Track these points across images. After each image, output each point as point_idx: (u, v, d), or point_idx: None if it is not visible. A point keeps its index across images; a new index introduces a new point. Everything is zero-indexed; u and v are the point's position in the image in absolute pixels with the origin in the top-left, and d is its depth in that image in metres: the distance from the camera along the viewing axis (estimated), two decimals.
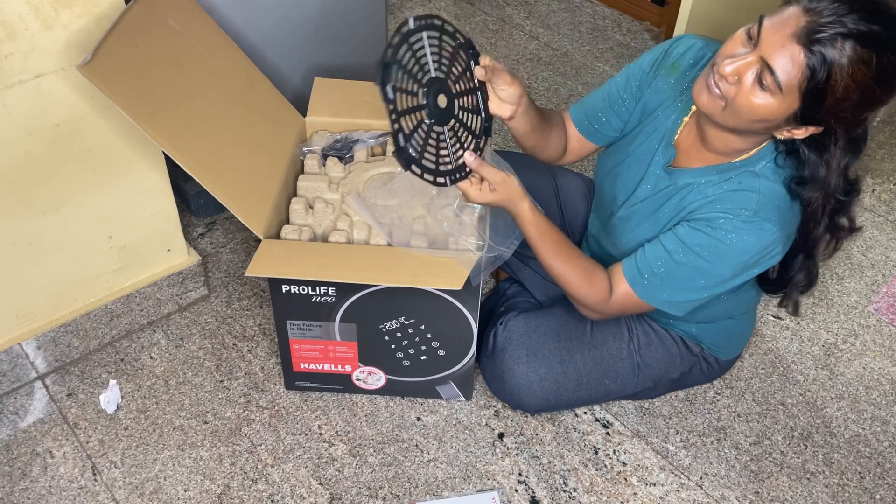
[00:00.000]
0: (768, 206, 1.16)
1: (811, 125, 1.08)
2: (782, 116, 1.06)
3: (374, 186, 1.48)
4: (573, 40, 2.72)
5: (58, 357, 1.63)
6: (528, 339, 1.46)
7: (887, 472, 1.51)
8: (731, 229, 1.17)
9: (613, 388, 1.50)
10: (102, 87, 1.23)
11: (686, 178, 1.25)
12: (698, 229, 1.20)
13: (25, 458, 1.46)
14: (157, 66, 1.37)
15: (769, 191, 1.16)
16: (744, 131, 1.13)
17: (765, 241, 1.17)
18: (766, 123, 1.08)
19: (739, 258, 1.19)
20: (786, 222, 1.18)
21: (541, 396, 1.47)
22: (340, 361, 1.50)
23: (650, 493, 1.45)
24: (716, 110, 1.10)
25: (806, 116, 1.05)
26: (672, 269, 1.23)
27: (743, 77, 1.04)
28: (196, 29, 1.50)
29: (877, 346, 1.75)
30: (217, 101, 1.46)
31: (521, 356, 1.45)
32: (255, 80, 1.58)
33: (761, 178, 1.17)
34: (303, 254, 1.35)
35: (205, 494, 1.41)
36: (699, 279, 1.23)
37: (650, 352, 1.47)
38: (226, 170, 1.37)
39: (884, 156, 2.29)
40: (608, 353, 1.46)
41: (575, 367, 1.46)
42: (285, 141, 1.55)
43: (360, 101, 1.65)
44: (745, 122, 1.09)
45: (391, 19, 2.73)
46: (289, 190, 1.51)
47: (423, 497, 1.43)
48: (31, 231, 1.53)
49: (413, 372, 1.51)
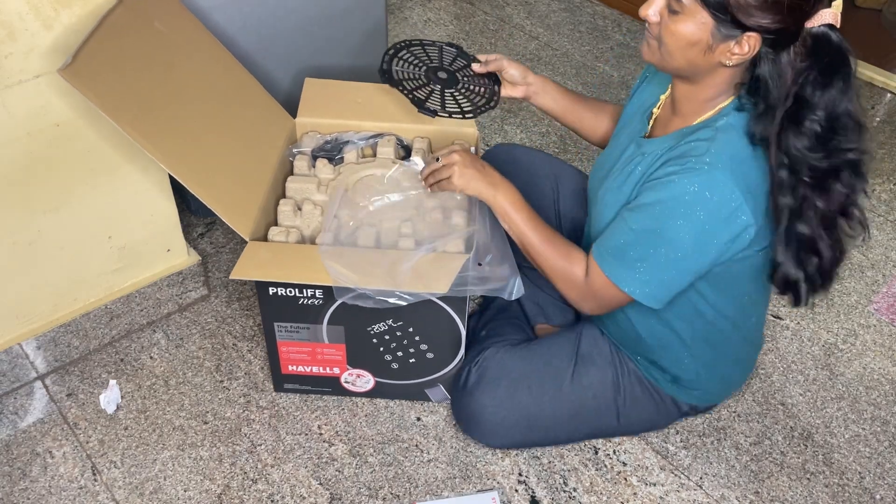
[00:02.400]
0: (719, 153, 1.10)
1: (737, 34, 1.07)
2: (706, 34, 1.08)
3: (363, 188, 1.48)
4: (573, 40, 2.72)
5: (58, 357, 1.63)
6: (498, 387, 1.40)
7: (887, 472, 1.51)
8: (678, 178, 1.12)
9: (588, 433, 1.48)
10: (84, 90, 1.22)
11: (653, 146, 1.23)
12: (649, 189, 1.16)
13: (25, 458, 1.46)
14: (142, 68, 1.37)
15: (723, 139, 1.12)
16: (689, 69, 1.14)
17: (717, 195, 1.09)
18: (698, 46, 1.10)
19: (692, 214, 1.11)
20: (742, 176, 1.10)
21: (508, 439, 1.45)
22: (329, 364, 1.50)
23: (650, 493, 1.45)
24: (655, 56, 1.17)
25: (723, 25, 1.06)
26: (631, 239, 1.17)
27: (661, 14, 1.12)
28: (182, 31, 1.50)
29: (877, 346, 1.75)
30: (204, 102, 1.46)
31: (487, 404, 1.40)
32: (244, 82, 1.58)
33: (718, 131, 1.13)
34: (289, 256, 1.35)
35: (205, 494, 1.41)
36: (658, 245, 1.15)
37: (635, 409, 1.43)
38: (212, 171, 1.37)
39: (884, 156, 2.29)
40: (585, 408, 1.42)
41: (545, 417, 1.42)
42: (275, 142, 1.55)
43: (351, 102, 1.65)
44: (679, 54, 1.12)
45: (391, 19, 2.74)
46: (277, 191, 1.51)
47: (423, 497, 1.43)
48: (31, 231, 1.53)
49: (401, 375, 1.51)
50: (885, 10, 2.94)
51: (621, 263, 1.20)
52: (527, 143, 2.23)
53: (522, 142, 2.23)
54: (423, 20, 2.79)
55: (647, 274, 1.18)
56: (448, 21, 2.79)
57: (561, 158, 2.18)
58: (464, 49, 1.52)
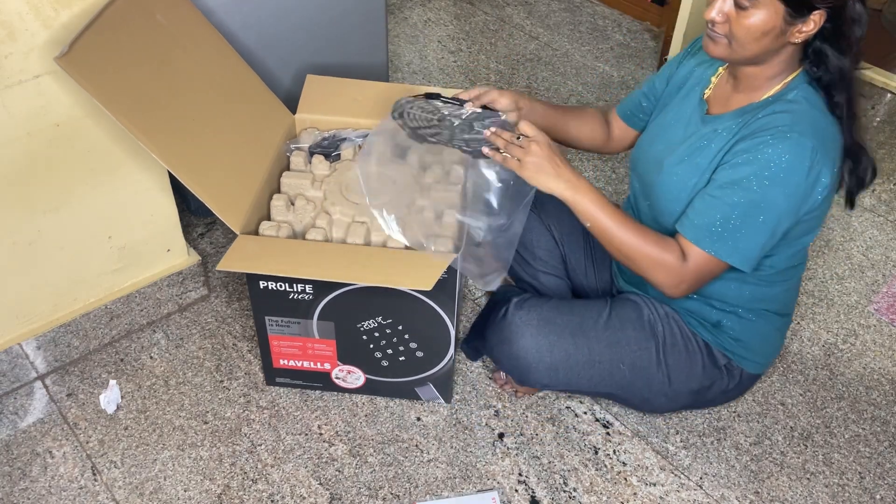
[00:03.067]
0: (802, 122, 1.19)
1: (809, 15, 1.15)
2: (778, 21, 1.16)
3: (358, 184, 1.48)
4: (573, 40, 2.72)
5: (58, 357, 1.63)
6: (541, 308, 1.41)
7: (887, 472, 1.51)
8: (770, 150, 1.19)
9: (630, 379, 1.43)
10: (79, 78, 1.22)
11: (721, 123, 1.29)
12: (741, 163, 1.22)
13: (25, 458, 1.46)
14: (140, 59, 1.37)
15: (804, 111, 1.21)
16: (762, 55, 1.21)
17: (807, 161, 1.18)
18: (771, 34, 1.17)
19: (788, 179, 1.19)
20: (822, 140, 1.19)
21: (549, 364, 1.39)
22: (319, 359, 1.50)
23: (650, 493, 1.45)
24: (726, 51, 1.22)
25: (796, 6, 1.14)
26: (728, 213, 1.22)
27: (726, 12, 1.18)
28: (184, 24, 1.50)
29: (877, 346, 1.75)
30: (203, 96, 1.46)
31: (531, 321, 1.39)
32: (245, 77, 1.58)
33: (794, 103, 1.22)
34: (277, 250, 1.35)
35: (205, 494, 1.41)
36: (757, 214, 1.21)
37: (674, 351, 1.42)
38: (207, 164, 1.37)
39: (884, 156, 2.29)
40: (626, 339, 1.41)
41: (587, 341, 1.40)
42: (272, 137, 1.55)
43: (351, 100, 1.65)
44: (754, 44, 1.19)
45: (391, 19, 2.74)
46: (272, 186, 1.51)
47: (423, 497, 1.43)
48: (31, 231, 1.53)
49: (392, 372, 1.51)
50: (885, 10, 2.94)
51: (720, 238, 1.24)
52: None
53: None
54: (423, 20, 2.79)
55: (747, 241, 1.24)
56: (448, 21, 2.79)
57: None
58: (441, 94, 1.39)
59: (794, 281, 1.44)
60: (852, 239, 2.01)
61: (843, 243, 2.00)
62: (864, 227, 2.05)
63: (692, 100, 1.38)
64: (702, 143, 1.30)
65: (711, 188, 1.25)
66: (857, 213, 2.09)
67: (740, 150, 1.22)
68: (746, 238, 1.23)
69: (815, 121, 1.21)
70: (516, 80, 2.51)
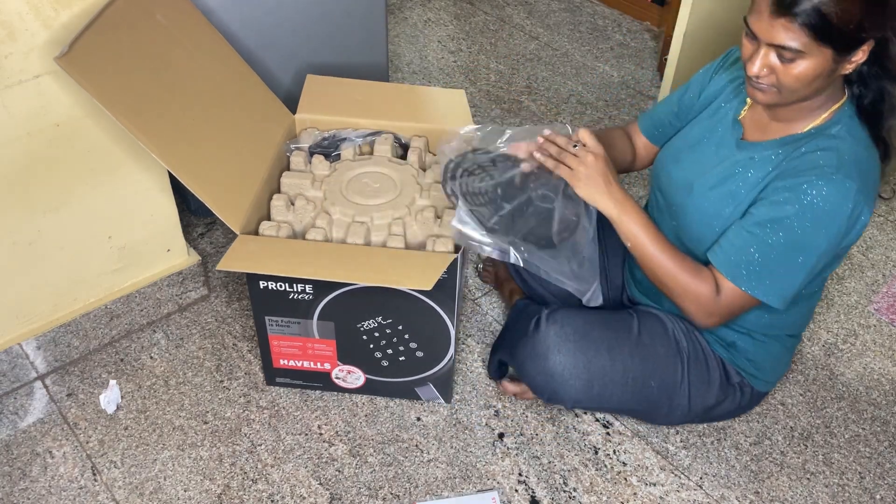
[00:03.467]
0: (847, 163, 1.16)
1: (859, 47, 1.11)
2: (827, 64, 1.11)
3: (357, 185, 1.48)
4: (573, 40, 2.72)
5: (58, 357, 1.63)
6: (575, 322, 1.38)
7: (887, 472, 1.51)
8: (815, 191, 1.16)
9: (657, 395, 1.42)
10: (80, 78, 1.22)
11: (760, 151, 1.25)
12: (782, 202, 1.18)
13: (25, 458, 1.46)
14: (140, 59, 1.37)
15: (849, 149, 1.17)
16: (814, 94, 1.17)
17: (850, 204, 1.15)
18: (822, 76, 1.13)
19: (831, 221, 1.16)
20: (865, 181, 1.16)
21: (585, 380, 1.37)
22: (319, 359, 1.50)
23: (650, 493, 1.45)
24: (776, 98, 1.18)
25: (843, 47, 1.10)
26: (766, 251, 1.20)
27: (771, 65, 1.13)
28: (184, 24, 1.50)
29: (877, 346, 1.75)
30: (203, 96, 1.46)
31: (567, 335, 1.36)
32: (245, 76, 1.58)
33: (838, 139, 1.18)
34: (277, 250, 1.35)
35: (205, 494, 1.41)
36: (796, 255, 1.19)
37: (697, 369, 1.41)
38: (207, 164, 1.37)
39: None
40: (656, 356, 1.40)
41: (622, 359, 1.38)
42: (272, 137, 1.55)
43: (351, 100, 1.65)
44: (805, 90, 1.15)
45: (391, 19, 2.74)
46: (272, 186, 1.51)
47: (423, 497, 1.43)
48: (31, 231, 1.53)
49: (392, 372, 1.51)
50: None
51: (758, 276, 1.22)
52: None
53: None
54: (423, 20, 2.79)
55: (784, 281, 1.22)
56: (448, 21, 2.80)
57: None
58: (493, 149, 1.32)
59: (811, 305, 1.43)
60: None
61: None
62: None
63: (725, 119, 1.33)
64: (737, 169, 1.27)
65: (749, 224, 1.22)
66: None
67: (782, 188, 1.19)
68: (784, 278, 1.22)
69: (859, 160, 1.17)
70: (516, 80, 2.51)
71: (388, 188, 1.48)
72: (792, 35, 1.08)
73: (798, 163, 1.19)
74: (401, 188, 1.48)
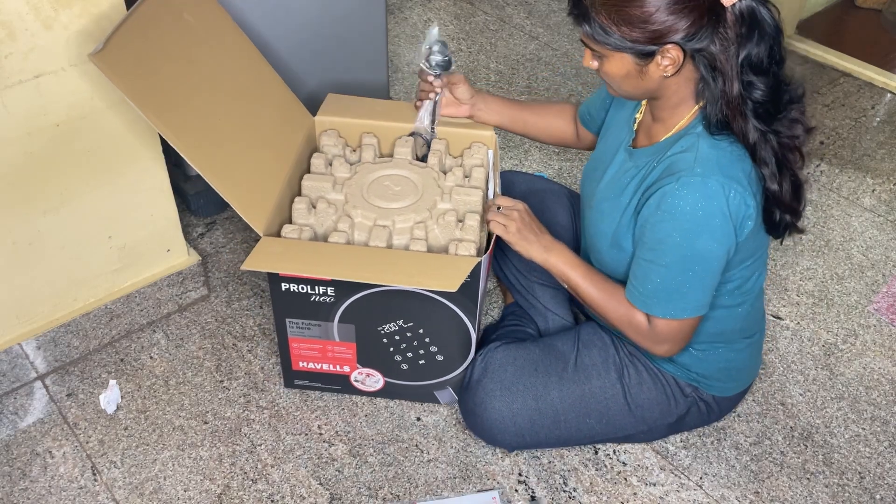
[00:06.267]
0: (705, 160, 1.15)
1: (656, 52, 1.12)
2: (630, 65, 1.16)
3: (378, 188, 1.48)
4: (573, 40, 2.72)
5: (58, 357, 1.63)
6: (504, 373, 1.41)
7: (887, 472, 1.51)
8: (680, 201, 1.15)
9: (600, 429, 1.43)
10: (113, 76, 1.21)
11: (644, 157, 1.26)
12: (658, 221, 1.19)
13: (25, 458, 1.46)
14: (168, 58, 1.37)
15: (704, 145, 1.17)
16: (642, 93, 1.22)
17: (720, 197, 1.14)
18: (632, 76, 1.18)
19: (709, 222, 1.15)
20: (733, 170, 1.15)
21: (514, 433, 1.42)
22: (339, 362, 1.50)
23: (650, 493, 1.45)
24: (613, 91, 1.26)
25: (639, 50, 1.13)
26: (665, 274, 1.21)
27: (593, 61, 1.22)
28: (211, 23, 1.50)
29: (877, 346, 1.75)
30: (227, 96, 1.46)
31: (494, 390, 1.41)
32: (267, 78, 1.58)
33: (699, 136, 1.18)
34: (300, 252, 1.35)
35: (205, 494, 1.41)
36: (693, 266, 1.19)
37: (642, 392, 1.41)
38: (230, 166, 1.37)
39: (884, 156, 2.29)
40: (591, 392, 1.40)
41: (551, 403, 1.40)
42: (293, 139, 1.55)
43: (371, 109, 1.65)
44: (624, 86, 1.21)
45: (391, 20, 2.74)
46: (293, 189, 1.51)
47: (423, 497, 1.43)
48: (31, 231, 1.53)
49: (411, 376, 1.51)
50: (885, 11, 2.94)
51: (668, 300, 1.23)
52: (528, 142, 2.23)
53: (522, 143, 2.23)
54: (423, 20, 2.79)
55: (693, 293, 1.23)
56: (448, 21, 2.79)
57: (560, 159, 2.18)
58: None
59: (754, 304, 1.39)
60: (852, 239, 2.01)
61: (843, 243, 2.00)
62: (864, 227, 2.05)
63: (627, 122, 1.35)
64: (624, 178, 1.29)
65: (643, 252, 1.23)
66: (858, 213, 2.09)
67: (654, 207, 1.19)
68: (692, 291, 1.22)
69: (719, 152, 1.16)
70: (516, 80, 2.51)
71: (409, 191, 1.48)
72: (589, 38, 1.16)
73: (661, 168, 1.20)
74: (422, 191, 1.48)
